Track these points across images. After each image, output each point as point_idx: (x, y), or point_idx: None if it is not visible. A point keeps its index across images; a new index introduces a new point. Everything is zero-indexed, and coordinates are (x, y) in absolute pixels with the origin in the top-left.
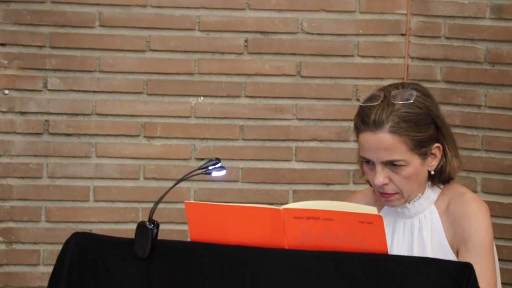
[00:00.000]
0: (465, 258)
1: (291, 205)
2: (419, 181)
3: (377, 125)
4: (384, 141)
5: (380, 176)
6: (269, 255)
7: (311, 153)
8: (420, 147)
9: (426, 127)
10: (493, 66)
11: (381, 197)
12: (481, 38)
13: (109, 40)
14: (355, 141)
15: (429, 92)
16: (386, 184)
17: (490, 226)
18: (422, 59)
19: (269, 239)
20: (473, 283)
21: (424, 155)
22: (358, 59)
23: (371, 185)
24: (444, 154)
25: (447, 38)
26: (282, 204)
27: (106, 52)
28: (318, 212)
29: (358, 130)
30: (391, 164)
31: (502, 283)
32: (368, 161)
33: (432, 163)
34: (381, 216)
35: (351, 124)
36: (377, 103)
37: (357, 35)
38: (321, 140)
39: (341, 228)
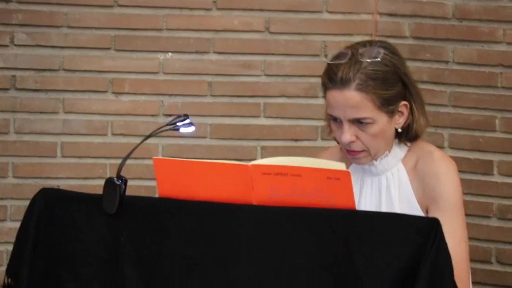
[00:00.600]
0: (435, 216)
1: (260, 161)
2: (386, 138)
3: (344, 83)
4: (351, 99)
5: (347, 134)
6: (237, 211)
7: (280, 109)
8: (387, 105)
9: (393, 85)
10: (461, 22)
11: (348, 154)
12: None
13: None
14: (323, 97)
15: (396, 50)
16: (353, 141)
17: (459, 184)
18: (391, 15)
19: (238, 195)
20: (440, 237)
21: (391, 113)
22: (327, 15)
23: (338, 143)
24: (411, 111)
25: None
26: (250, 160)
27: (74, 8)
28: (286, 168)
29: (325, 88)
30: (358, 122)
31: (468, 238)
32: (335, 119)
33: (399, 121)
34: (349, 172)
35: (320, 80)
36: (344, 61)
37: None
38: (289, 96)
39: (309, 184)
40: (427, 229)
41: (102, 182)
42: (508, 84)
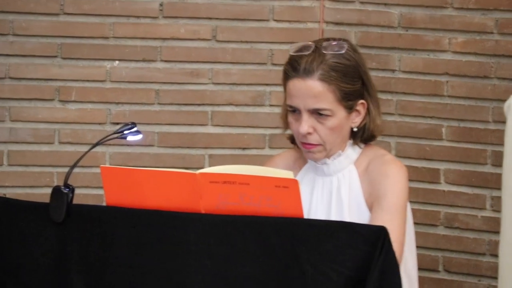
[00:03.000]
0: (376, 214)
1: (207, 170)
2: (342, 135)
3: (307, 72)
4: (313, 88)
5: (305, 125)
6: (185, 220)
7: (227, 118)
8: (347, 100)
9: (354, 81)
10: (407, 30)
11: (303, 147)
12: (395, 3)
13: (22, 3)
14: (270, 105)
15: (358, 50)
16: (310, 133)
17: (406, 188)
18: (337, 23)
19: (185, 203)
20: (387, 246)
21: (349, 109)
22: (274, 24)
23: (292, 142)
24: (368, 112)
25: (361, 2)
26: (198, 168)
27: (20, 15)
28: (234, 177)
29: (287, 77)
30: (317, 114)
31: (416, 247)
32: (294, 110)
33: (356, 120)
34: (297, 181)
35: (267, 88)
36: (308, 52)
37: None
38: (237, 105)
39: (257, 192)
40: (374, 238)
41: (49, 190)
42: (454, 93)
